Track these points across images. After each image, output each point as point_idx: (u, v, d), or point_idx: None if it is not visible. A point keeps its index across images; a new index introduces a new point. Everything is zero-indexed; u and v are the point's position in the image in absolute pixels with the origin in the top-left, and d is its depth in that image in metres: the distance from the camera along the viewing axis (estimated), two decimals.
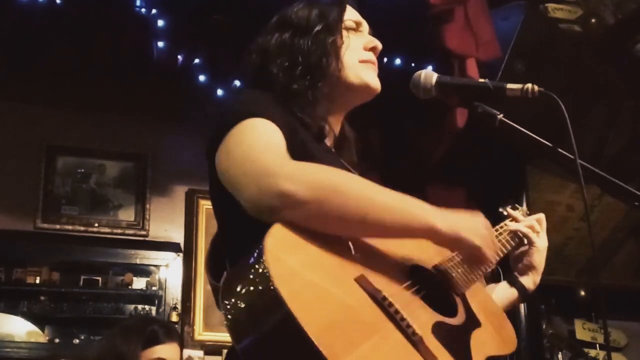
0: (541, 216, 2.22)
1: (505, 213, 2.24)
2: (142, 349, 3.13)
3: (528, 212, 2.31)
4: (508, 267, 2.17)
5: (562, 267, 6.66)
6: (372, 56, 1.96)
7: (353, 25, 1.97)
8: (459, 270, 1.80)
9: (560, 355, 6.32)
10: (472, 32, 4.51)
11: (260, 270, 1.36)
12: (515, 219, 2.20)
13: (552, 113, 1.79)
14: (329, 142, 1.93)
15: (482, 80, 1.94)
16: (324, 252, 1.48)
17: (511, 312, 5.12)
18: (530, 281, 2.13)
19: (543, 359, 5.58)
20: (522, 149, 4.96)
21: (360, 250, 1.57)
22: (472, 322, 1.71)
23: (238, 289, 1.41)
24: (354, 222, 1.53)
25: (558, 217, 6.41)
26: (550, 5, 5.18)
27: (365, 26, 2.02)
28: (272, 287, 1.32)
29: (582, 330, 6.64)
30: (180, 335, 3.39)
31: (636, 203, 1.87)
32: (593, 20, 5.13)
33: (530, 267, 2.14)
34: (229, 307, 1.41)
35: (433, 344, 1.51)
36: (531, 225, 2.16)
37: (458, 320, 1.68)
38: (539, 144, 1.90)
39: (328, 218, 1.50)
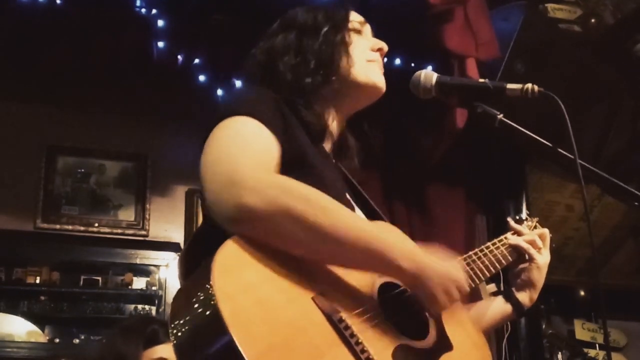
0: (545, 232, 2.16)
1: (512, 224, 2.19)
2: (143, 348, 3.12)
3: (537, 225, 2.25)
4: (507, 282, 2.13)
5: (562, 267, 6.67)
6: (378, 57, 1.97)
7: (358, 27, 1.99)
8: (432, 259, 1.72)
9: (560, 355, 6.33)
10: (472, 32, 4.51)
11: (206, 287, 1.33)
12: (518, 233, 2.15)
13: (551, 113, 1.79)
14: (327, 145, 1.92)
15: (482, 80, 1.94)
16: (282, 268, 1.44)
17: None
18: (526, 297, 2.07)
19: (543, 359, 5.58)
20: (522, 148, 4.97)
21: (325, 267, 1.54)
22: (442, 345, 1.66)
23: (184, 305, 1.39)
24: (310, 247, 1.48)
25: (557, 217, 6.42)
26: (550, 6, 5.18)
27: (368, 28, 2.03)
28: (213, 305, 1.29)
29: (582, 330, 6.65)
30: None
31: (636, 203, 1.87)
32: (593, 20, 5.13)
33: (528, 284, 2.07)
34: (174, 325, 1.37)
35: None
36: (532, 240, 2.11)
37: (426, 343, 1.63)
38: (538, 144, 1.90)
39: (284, 239, 1.46)
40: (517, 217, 2.25)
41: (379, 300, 1.60)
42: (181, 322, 1.37)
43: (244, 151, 1.55)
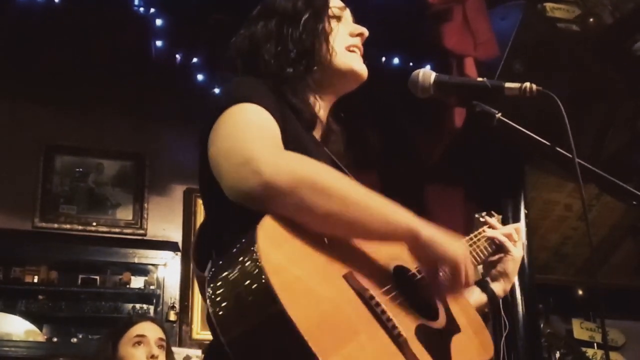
0: (518, 226, 2.23)
1: (481, 219, 2.24)
2: (120, 337, 3.19)
3: (502, 219, 2.30)
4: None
5: (560, 267, 6.67)
6: (358, 42, 1.96)
7: (338, 12, 1.97)
8: (442, 273, 1.77)
9: (557, 354, 6.33)
10: (471, 31, 4.51)
11: (251, 261, 1.34)
12: (492, 227, 2.20)
13: (550, 112, 1.79)
14: (317, 133, 1.92)
15: (480, 79, 1.94)
16: (311, 247, 1.45)
17: (509, 311, 5.11)
18: (500, 288, 2.10)
19: (541, 358, 5.58)
20: (521, 148, 4.97)
21: (347, 247, 1.56)
22: (453, 326, 1.70)
23: (226, 279, 1.38)
24: (334, 219, 1.49)
25: (556, 216, 6.42)
26: (549, 5, 5.18)
27: (348, 13, 2.02)
28: (263, 279, 1.30)
29: (580, 330, 6.65)
30: (159, 320, 3.41)
31: (634, 202, 1.87)
32: (591, 20, 5.14)
33: (502, 275, 2.11)
34: (214, 297, 1.38)
35: (417, 347, 1.50)
36: (509, 233, 2.16)
37: (439, 324, 1.66)
38: (537, 143, 1.90)
39: (308, 212, 1.47)
40: (484, 213, 2.30)
41: (397, 281, 1.64)
42: (224, 294, 1.37)
43: (255, 132, 1.55)
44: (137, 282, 5.64)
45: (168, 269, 5.58)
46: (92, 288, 5.57)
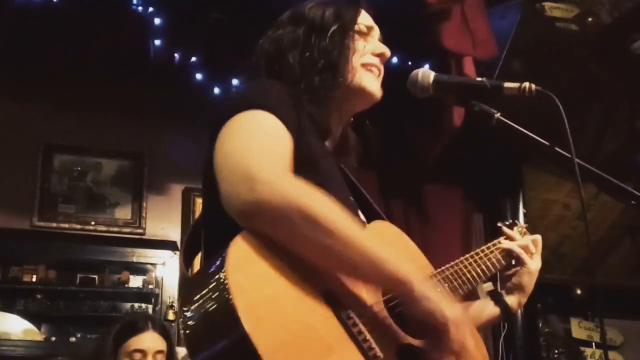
0: (537, 238, 2.18)
1: (502, 229, 2.20)
2: (121, 343, 3.18)
3: (526, 231, 2.27)
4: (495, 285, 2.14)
5: (559, 266, 6.67)
6: (376, 61, 1.94)
7: (365, 29, 1.96)
8: (439, 289, 1.75)
9: (555, 353, 6.33)
10: (469, 30, 4.51)
11: (220, 280, 1.33)
12: (510, 238, 2.16)
13: (549, 112, 1.79)
14: (329, 144, 1.91)
15: (479, 79, 1.94)
16: (291, 265, 1.44)
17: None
18: (515, 301, 2.08)
19: (539, 357, 5.59)
20: (519, 147, 4.97)
21: None
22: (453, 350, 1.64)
23: (196, 297, 1.38)
24: (322, 253, 1.48)
25: (554, 215, 6.42)
26: (547, 4, 5.19)
27: (376, 31, 2.00)
28: (228, 299, 1.29)
29: (579, 329, 6.65)
30: (161, 323, 3.37)
31: (632, 202, 1.87)
32: (590, 19, 5.14)
33: (518, 288, 2.09)
34: (185, 316, 1.38)
35: None
36: (525, 245, 2.13)
37: (429, 342, 1.62)
38: (536, 143, 1.90)
39: (296, 240, 1.46)
40: (508, 223, 2.26)
41: (383, 299, 1.61)
42: (192, 314, 1.37)
43: (262, 147, 1.54)
44: (135, 282, 5.64)
45: (167, 268, 5.57)
46: (90, 287, 5.56)
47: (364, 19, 1.98)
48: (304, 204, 1.45)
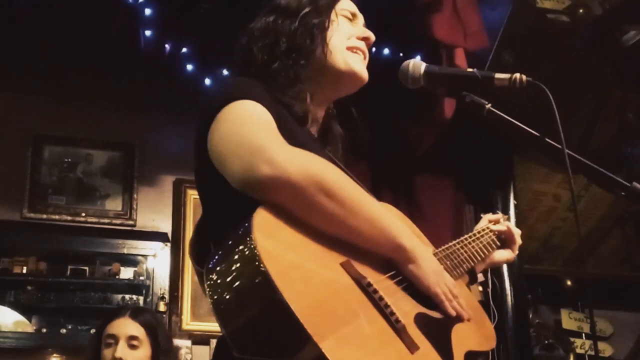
0: (518, 230, 2.26)
1: (490, 216, 2.28)
2: (101, 334, 3.24)
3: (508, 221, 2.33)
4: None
5: (549, 257, 6.70)
6: (362, 45, 1.94)
7: (348, 15, 1.96)
8: (443, 265, 1.80)
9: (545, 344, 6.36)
10: (460, 21, 4.52)
11: (247, 249, 1.35)
12: (496, 222, 2.24)
13: (539, 103, 1.79)
14: (313, 129, 1.91)
15: (470, 70, 1.94)
16: (308, 236, 1.47)
17: (498, 302, 5.13)
18: (480, 269, 2.13)
19: (529, 348, 5.61)
20: (510, 138, 4.98)
21: None
22: (454, 316, 1.71)
23: (224, 268, 1.39)
24: (334, 222, 1.51)
25: (545, 207, 6.44)
26: None
27: (360, 19, 2.00)
28: (259, 265, 1.31)
29: (569, 320, 6.67)
30: (142, 312, 3.39)
31: (622, 193, 1.87)
32: (581, 11, 5.13)
33: (491, 264, 2.18)
34: (214, 288, 1.39)
35: (415, 333, 1.52)
36: (514, 232, 2.22)
37: (439, 314, 1.68)
38: (526, 134, 1.90)
39: (311, 210, 1.48)
40: (490, 213, 2.34)
41: (397, 271, 1.65)
42: (220, 283, 1.38)
43: (260, 125, 1.56)
44: (126, 273, 5.63)
45: (158, 260, 5.57)
46: (81, 279, 5.55)
47: (348, 5, 1.98)
48: (322, 174, 1.49)
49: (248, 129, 1.54)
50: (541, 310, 6.71)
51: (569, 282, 6.77)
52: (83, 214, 5.64)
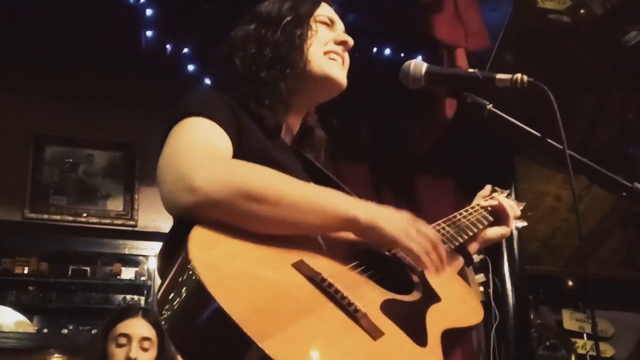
0: (518, 204, 2.24)
1: (485, 191, 2.29)
2: (109, 331, 3.20)
3: (508, 195, 2.32)
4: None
5: (550, 257, 6.70)
6: (339, 49, 1.95)
7: (326, 20, 1.97)
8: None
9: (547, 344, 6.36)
10: (462, 22, 4.52)
11: (186, 264, 1.37)
12: (492, 198, 2.22)
13: (540, 103, 1.79)
14: (286, 138, 1.92)
15: (471, 70, 1.94)
16: (257, 241, 1.48)
17: (499, 301, 5.13)
18: (475, 250, 2.11)
19: (531, 348, 5.61)
20: (511, 139, 4.98)
21: (304, 236, 1.58)
22: (430, 297, 1.69)
23: (168, 291, 1.44)
24: (272, 223, 1.51)
25: (546, 207, 6.44)
26: None
27: (339, 26, 2.01)
28: (195, 279, 1.33)
29: (570, 320, 6.68)
30: (154, 314, 3.36)
31: (624, 193, 1.87)
32: (582, 11, 5.14)
33: (484, 241, 2.14)
34: (162, 312, 1.42)
35: (381, 320, 1.49)
36: (510, 205, 2.20)
37: (413, 297, 1.66)
38: (527, 134, 1.90)
39: (246, 219, 1.49)
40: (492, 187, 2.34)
41: (362, 262, 1.63)
42: (167, 305, 1.41)
43: (194, 145, 1.60)
44: (127, 273, 5.63)
45: None
46: (82, 279, 5.56)
47: (326, 11, 1.99)
48: (243, 183, 1.49)
49: (179, 154, 1.58)
50: (542, 311, 6.72)
51: (570, 283, 6.77)
52: (84, 214, 5.64)
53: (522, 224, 2.29)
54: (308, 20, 1.92)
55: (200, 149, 1.58)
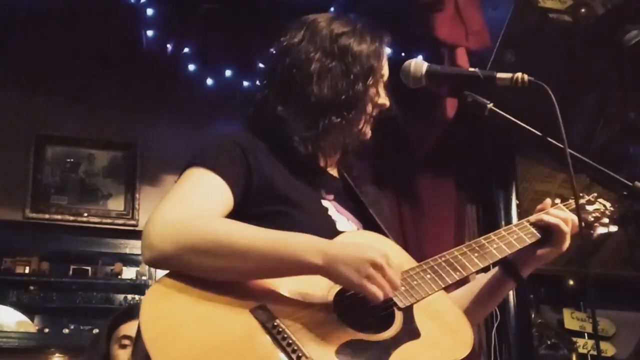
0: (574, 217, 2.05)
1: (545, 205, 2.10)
2: (112, 332, 3.20)
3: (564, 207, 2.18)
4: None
5: None
6: (376, 112, 1.99)
7: (385, 79, 2.01)
8: (404, 284, 1.69)
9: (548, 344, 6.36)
10: (462, 21, 4.51)
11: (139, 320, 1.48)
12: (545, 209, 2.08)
13: (541, 102, 1.79)
14: (324, 162, 1.97)
15: (472, 69, 1.94)
16: (218, 290, 1.55)
17: (500, 301, 5.10)
18: (528, 272, 2.05)
19: (532, 348, 5.60)
20: (512, 138, 4.97)
21: (267, 280, 1.62)
22: (408, 334, 1.63)
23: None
24: (227, 273, 1.58)
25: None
26: None
27: (387, 75, 2.03)
28: (140, 334, 1.44)
29: (571, 320, 6.67)
30: None
31: (625, 192, 1.87)
32: (583, 10, 5.13)
33: (533, 260, 2.04)
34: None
35: None
36: (566, 219, 2.05)
37: (386, 334, 1.61)
38: (528, 133, 1.90)
39: (200, 271, 1.57)
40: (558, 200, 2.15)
41: (333, 302, 1.63)
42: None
43: (173, 202, 1.70)
44: (128, 273, 5.64)
45: None
46: (83, 279, 5.56)
47: (386, 69, 2.01)
48: (192, 240, 1.57)
49: (158, 209, 1.68)
50: (543, 310, 6.71)
51: (571, 282, 6.76)
52: (85, 214, 5.64)
53: (612, 228, 2.18)
54: (378, 76, 1.96)
55: (173, 208, 1.67)
